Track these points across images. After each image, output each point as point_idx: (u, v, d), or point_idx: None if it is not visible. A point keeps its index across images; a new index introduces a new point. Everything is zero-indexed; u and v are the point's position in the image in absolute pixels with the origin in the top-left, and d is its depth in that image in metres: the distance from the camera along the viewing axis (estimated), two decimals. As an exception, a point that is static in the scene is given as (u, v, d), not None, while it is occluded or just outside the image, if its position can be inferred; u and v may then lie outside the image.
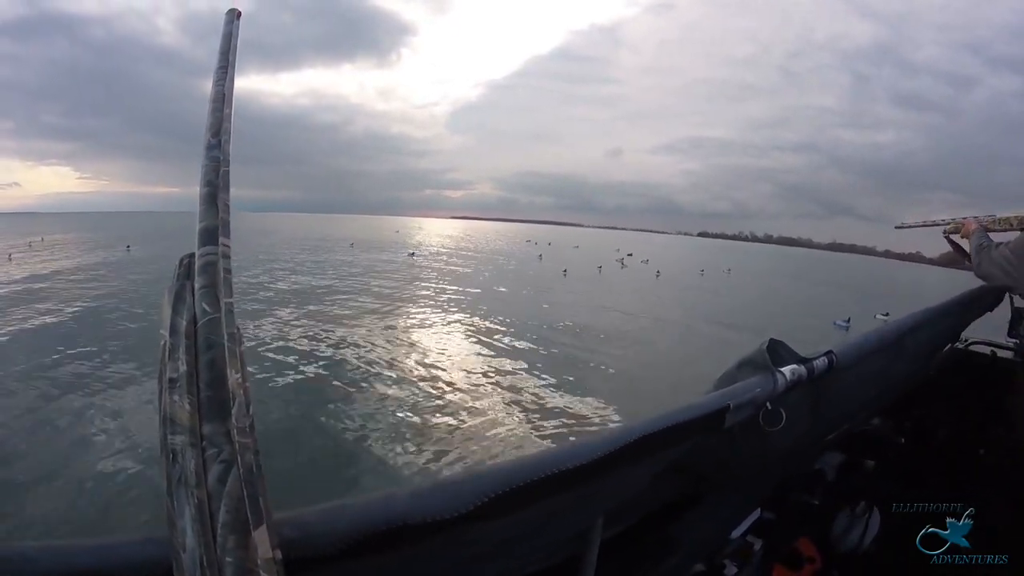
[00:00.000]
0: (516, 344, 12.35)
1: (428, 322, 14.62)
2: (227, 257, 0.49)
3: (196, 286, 0.47)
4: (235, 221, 0.50)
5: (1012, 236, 2.17)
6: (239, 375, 0.42)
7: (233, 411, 0.41)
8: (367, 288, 19.77)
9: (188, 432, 0.40)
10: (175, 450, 0.40)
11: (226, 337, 0.44)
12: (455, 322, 14.70)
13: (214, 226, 0.51)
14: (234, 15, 0.78)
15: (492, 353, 11.52)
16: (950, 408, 2.04)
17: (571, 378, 9.96)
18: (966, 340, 2.22)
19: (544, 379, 9.80)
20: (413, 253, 35.89)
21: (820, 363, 1.00)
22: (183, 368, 0.43)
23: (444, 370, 10.15)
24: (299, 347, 11.33)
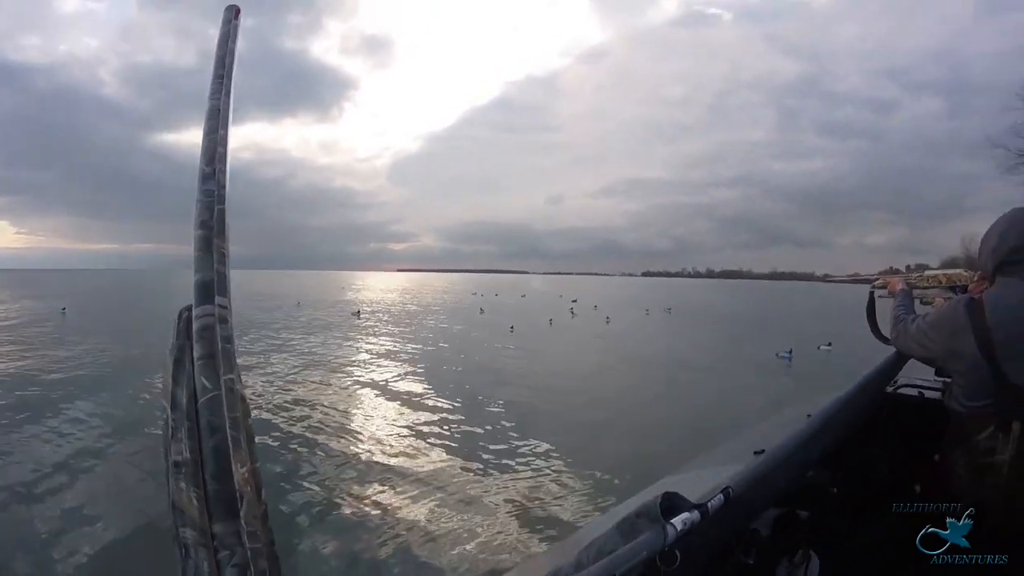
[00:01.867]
0: (459, 420, 11.65)
1: (365, 391, 13.72)
2: (225, 321, 0.46)
3: (195, 354, 0.44)
4: (180, 279, 0.48)
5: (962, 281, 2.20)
6: (245, 469, 0.41)
7: (242, 511, 0.39)
8: (310, 352, 18.86)
9: (198, 530, 0.38)
10: (187, 544, 0.38)
11: (228, 422, 0.41)
12: (396, 393, 13.72)
13: (210, 279, 0.47)
14: (232, 12, 0.64)
15: (430, 428, 10.87)
16: (882, 454, 2.13)
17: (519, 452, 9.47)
18: (896, 382, 2.35)
19: (483, 455, 9.21)
20: (359, 312, 34.98)
21: (715, 502, 0.98)
22: (187, 455, 0.41)
23: (377, 448, 9.46)
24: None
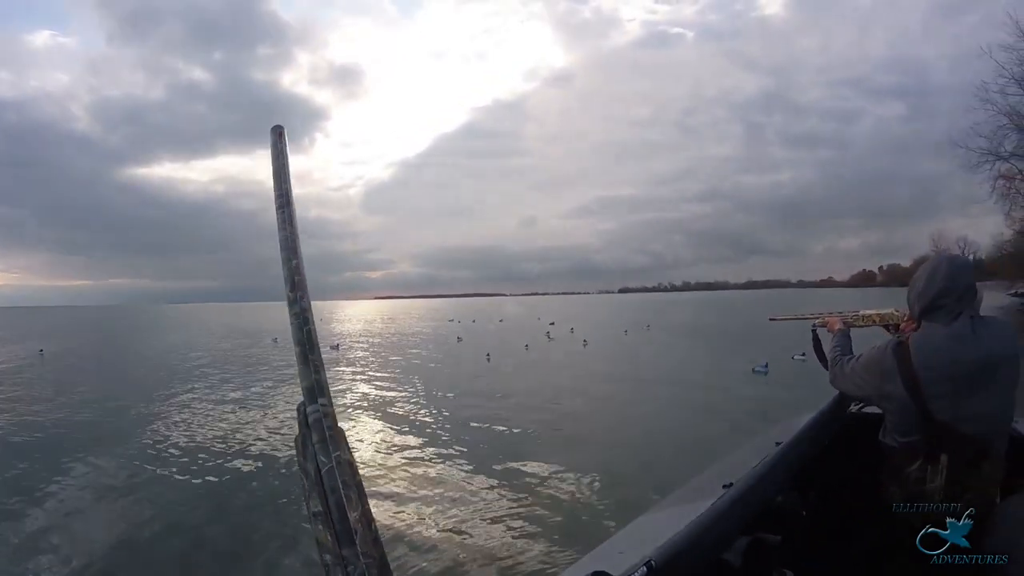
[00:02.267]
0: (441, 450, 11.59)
1: (345, 427, 13.49)
2: (328, 415, 0.64)
3: (313, 439, 0.63)
4: (161, 312, 0.50)
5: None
6: (356, 513, 0.59)
7: (357, 540, 0.56)
8: (293, 395, 18.44)
9: (333, 555, 0.57)
10: (328, 565, 0.58)
11: (341, 485, 0.59)
12: (373, 428, 13.45)
13: (311, 385, 0.65)
14: (277, 134, 0.74)
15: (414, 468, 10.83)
16: (849, 475, 2.19)
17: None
18: (860, 402, 2.42)
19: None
20: (337, 345, 34.48)
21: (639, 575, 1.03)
22: (319, 508, 0.60)
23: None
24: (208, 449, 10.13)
